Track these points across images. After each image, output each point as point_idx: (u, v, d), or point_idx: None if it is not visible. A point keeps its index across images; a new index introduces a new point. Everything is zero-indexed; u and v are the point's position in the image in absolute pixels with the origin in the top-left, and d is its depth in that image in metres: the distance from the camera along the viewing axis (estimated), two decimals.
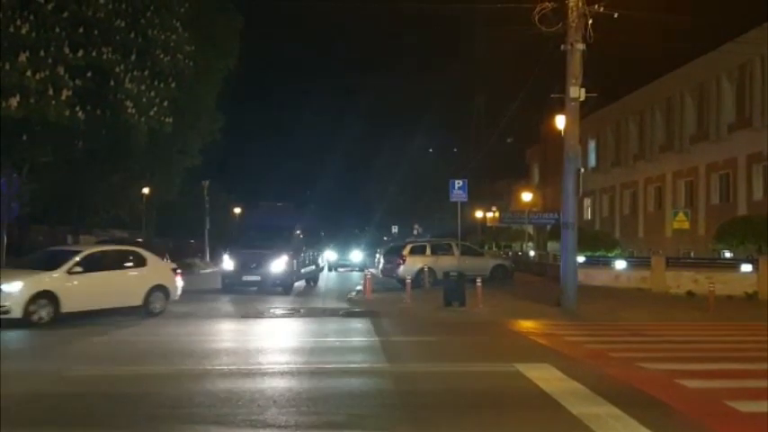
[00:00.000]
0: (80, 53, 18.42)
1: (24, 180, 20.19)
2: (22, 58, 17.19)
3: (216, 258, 35.34)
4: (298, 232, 24.03)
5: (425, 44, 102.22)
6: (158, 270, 15.84)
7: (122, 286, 14.68)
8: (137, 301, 14.86)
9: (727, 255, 28.06)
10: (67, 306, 13.43)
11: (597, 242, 33.27)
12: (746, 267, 22.42)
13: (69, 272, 13.70)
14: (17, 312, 12.72)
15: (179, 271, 16.95)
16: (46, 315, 13.07)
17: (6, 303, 12.66)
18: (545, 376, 8.61)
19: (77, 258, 13.97)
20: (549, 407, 7.24)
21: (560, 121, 19.15)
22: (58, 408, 7.24)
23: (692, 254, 32.26)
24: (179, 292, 16.27)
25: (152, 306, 15.10)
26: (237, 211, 56.83)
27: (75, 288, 13.68)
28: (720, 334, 13.53)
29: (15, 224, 22.28)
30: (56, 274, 13.53)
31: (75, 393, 7.87)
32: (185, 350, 11.29)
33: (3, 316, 12.59)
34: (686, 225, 25.62)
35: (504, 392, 8.02)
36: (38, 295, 13.00)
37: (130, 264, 15.15)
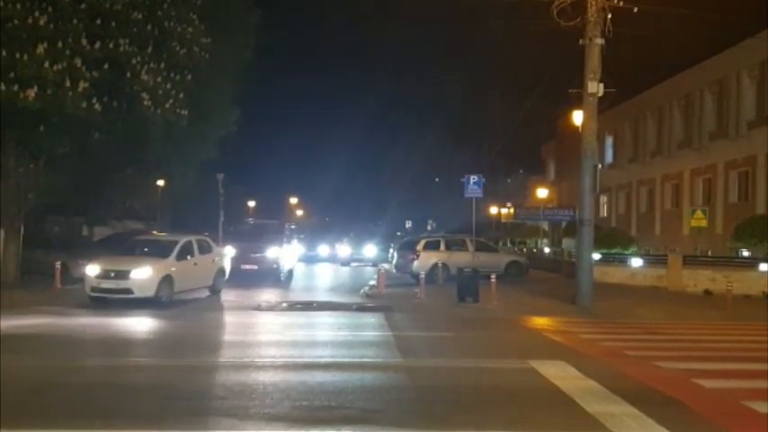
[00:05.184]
0: (97, 45, 18.47)
1: (41, 171, 20.32)
2: (40, 49, 17.28)
3: None
4: None
5: (443, 37, 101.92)
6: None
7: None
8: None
9: (745, 254, 27.78)
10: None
11: (613, 239, 33.07)
12: (765, 266, 22.16)
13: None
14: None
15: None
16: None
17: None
18: (560, 374, 8.54)
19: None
20: (564, 405, 7.17)
21: (578, 117, 18.98)
22: (70, 399, 7.26)
23: (709, 252, 31.96)
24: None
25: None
26: (252, 204, 57.01)
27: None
28: (738, 333, 13.37)
29: (31, 215, 22.42)
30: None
31: (87, 384, 7.90)
32: (197, 342, 11.34)
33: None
34: (704, 223, 25.33)
35: (519, 389, 7.96)
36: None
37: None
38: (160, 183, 35.45)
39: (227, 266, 19.48)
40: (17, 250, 19.83)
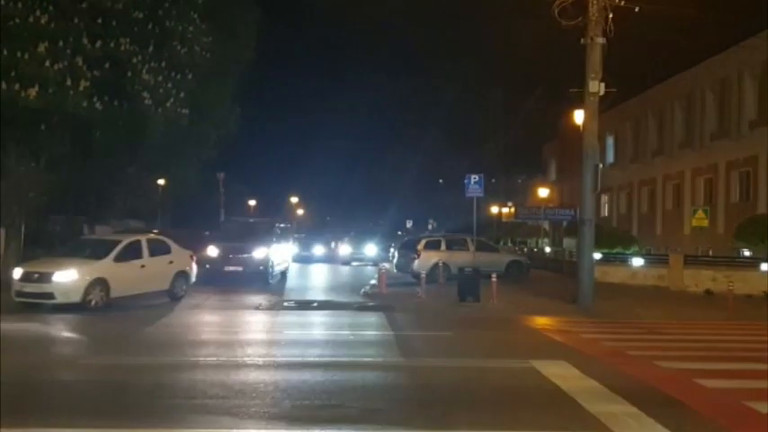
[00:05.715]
0: (98, 44, 18.50)
1: (42, 170, 20.33)
2: (41, 48, 17.30)
3: None
4: None
5: (444, 36, 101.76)
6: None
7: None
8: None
9: (747, 253, 27.77)
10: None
11: (614, 239, 33.07)
12: (766, 266, 22.16)
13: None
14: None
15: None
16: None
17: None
18: (561, 373, 8.52)
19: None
20: (565, 404, 7.16)
21: (579, 117, 18.95)
22: (73, 396, 7.27)
23: (710, 252, 31.95)
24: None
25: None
26: (252, 203, 57.10)
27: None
28: (739, 333, 13.34)
29: (32, 214, 22.43)
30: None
31: (90, 382, 7.91)
32: (200, 341, 11.34)
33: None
34: (705, 223, 25.29)
35: (520, 389, 7.94)
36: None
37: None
38: (161, 182, 35.47)
39: (192, 269, 17.53)
40: (18, 249, 19.84)
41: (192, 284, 17.59)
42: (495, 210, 54.07)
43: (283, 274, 23.90)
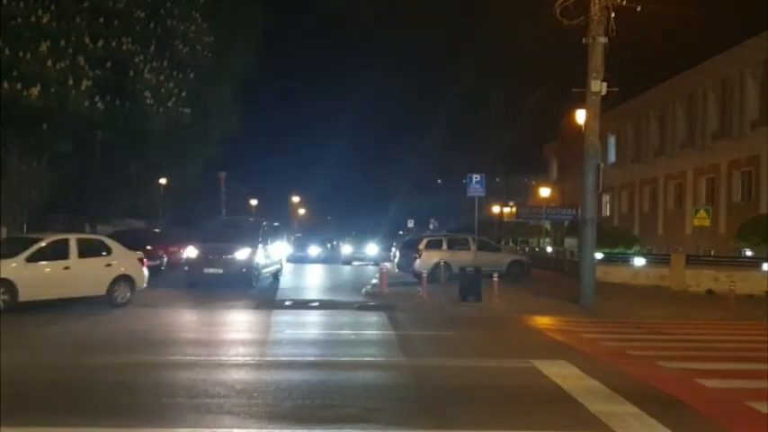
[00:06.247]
0: (100, 43, 18.57)
1: (43, 169, 20.38)
2: (43, 47, 17.36)
3: None
4: None
5: (446, 37, 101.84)
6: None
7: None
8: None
9: (748, 253, 27.76)
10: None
11: (616, 239, 33.07)
12: None
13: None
14: None
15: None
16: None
17: None
18: (562, 373, 8.52)
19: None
20: (566, 404, 7.16)
21: (581, 116, 18.94)
22: (73, 396, 7.27)
23: (712, 252, 31.92)
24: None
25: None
26: (254, 202, 57.17)
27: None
28: (741, 333, 13.33)
29: (34, 213, 22.48)
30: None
31: (89, 382, 7.91)
32: (202, 340, 11.35)
33: None
34: (707, 222, 25.25)
35: (521, 389, 7.94)
36: None
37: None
38: (162, 181, 35.55)
39: (141, 274, 15.40)
40: None
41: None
42: (496, 209, 54.06)
43: (275, 276, 22.42)
